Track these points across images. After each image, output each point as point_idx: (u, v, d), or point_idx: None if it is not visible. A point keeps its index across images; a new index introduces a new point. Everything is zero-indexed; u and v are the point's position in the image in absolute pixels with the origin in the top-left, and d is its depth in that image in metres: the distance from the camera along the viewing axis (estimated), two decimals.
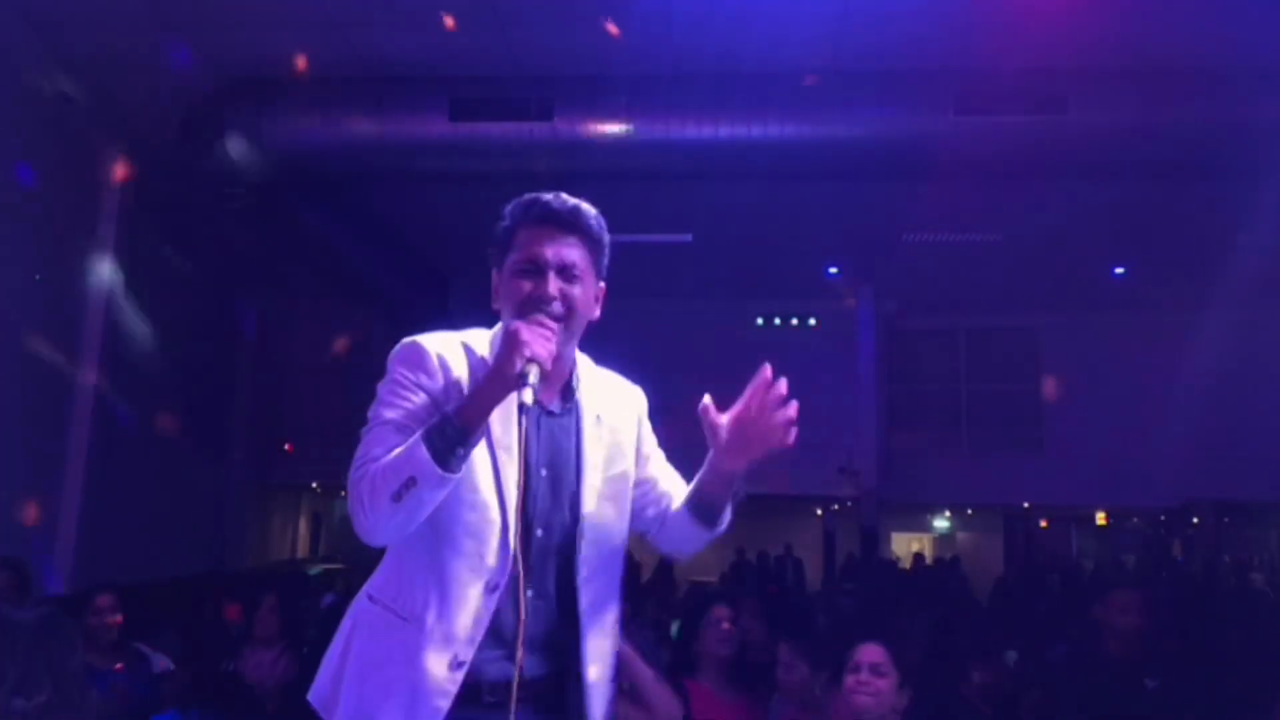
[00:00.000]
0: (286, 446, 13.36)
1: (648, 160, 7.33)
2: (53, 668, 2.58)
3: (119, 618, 4.27)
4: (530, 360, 1.57)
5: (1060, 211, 9.28)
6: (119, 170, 8.21)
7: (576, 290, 1.73)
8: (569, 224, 1.75)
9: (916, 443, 13.42)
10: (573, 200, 1.78)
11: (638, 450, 1.91)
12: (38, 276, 7.50)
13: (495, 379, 1.60)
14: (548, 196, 1.77)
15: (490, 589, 1.66)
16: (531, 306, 1.69)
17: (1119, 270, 11.44)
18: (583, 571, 1.76)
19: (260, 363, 12.43)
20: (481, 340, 1.80)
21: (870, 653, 2.79)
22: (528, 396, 1.56)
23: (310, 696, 1.77)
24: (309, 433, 13.03)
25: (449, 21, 6.10)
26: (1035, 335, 13.63)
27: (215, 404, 11.03)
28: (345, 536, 15.97)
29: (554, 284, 1.71)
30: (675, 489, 1.94)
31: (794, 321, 13.29)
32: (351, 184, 8.97)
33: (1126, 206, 9.11)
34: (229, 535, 11.65)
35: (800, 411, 1.71)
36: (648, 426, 1.96)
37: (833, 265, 11.94)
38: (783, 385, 1.70)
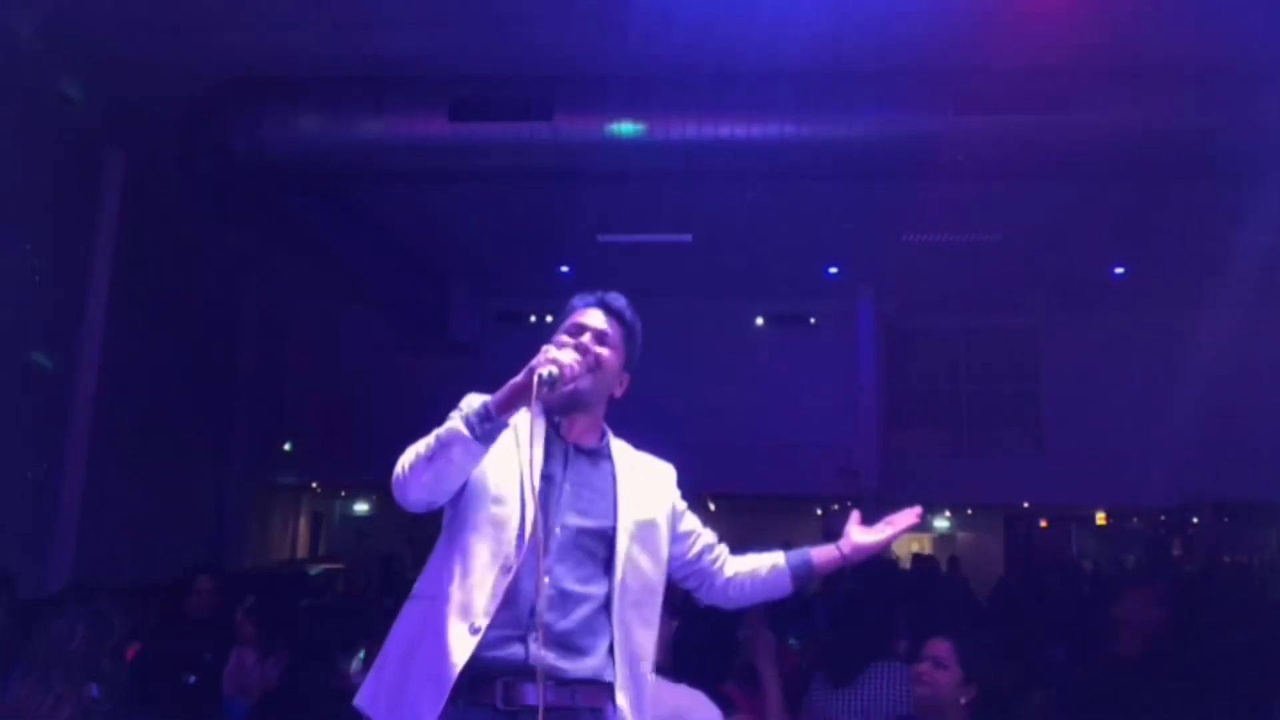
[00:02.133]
0: (286, 446, 13.36)
1: (648, 160, 7.33)
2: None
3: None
4: (552, 361, 1.85)
5: (1060, 211, 9.28)
6: (119, 170, 8.21)
7: (606, 353, 2.08)
8: (611, 310, 2.15)
9: (916, 443, 13.42)
10: (623, 301, 2.18)
11: (673, 510, 2.19)
12: (37, 277, 7.50)
13: (524, 374, 1.85)
14: (603, 292, 2.19)
15: (505, 569, 1.86)
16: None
17: (1119, 270, 11.44)
18: (617, 603, 1.95)
19: (261, 362, 12.43)
20: None
21: (937, 647, 2.94)
22: (543, 371, 1.82)
23: (357, 702, 1.92)
24: (309, 433, 13.03)
25: None
26: (1035, 335, 13.62)
27: (215, 404, 11.03)
28: (345, 536, 15.99)
29: (589, 339, 2.07)
30: (721, 546, 2.28)
31: (794, 321, 13.30)
32: (352, 184, 8.97)
33: (1126, 206, 9.10)
34: (229, 535, 11.65)
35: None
36: (678, 494, 2.24)
37: (833, 265, 11.94)
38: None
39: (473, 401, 1.93)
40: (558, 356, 1.87)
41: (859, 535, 2.28)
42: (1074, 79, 6.74)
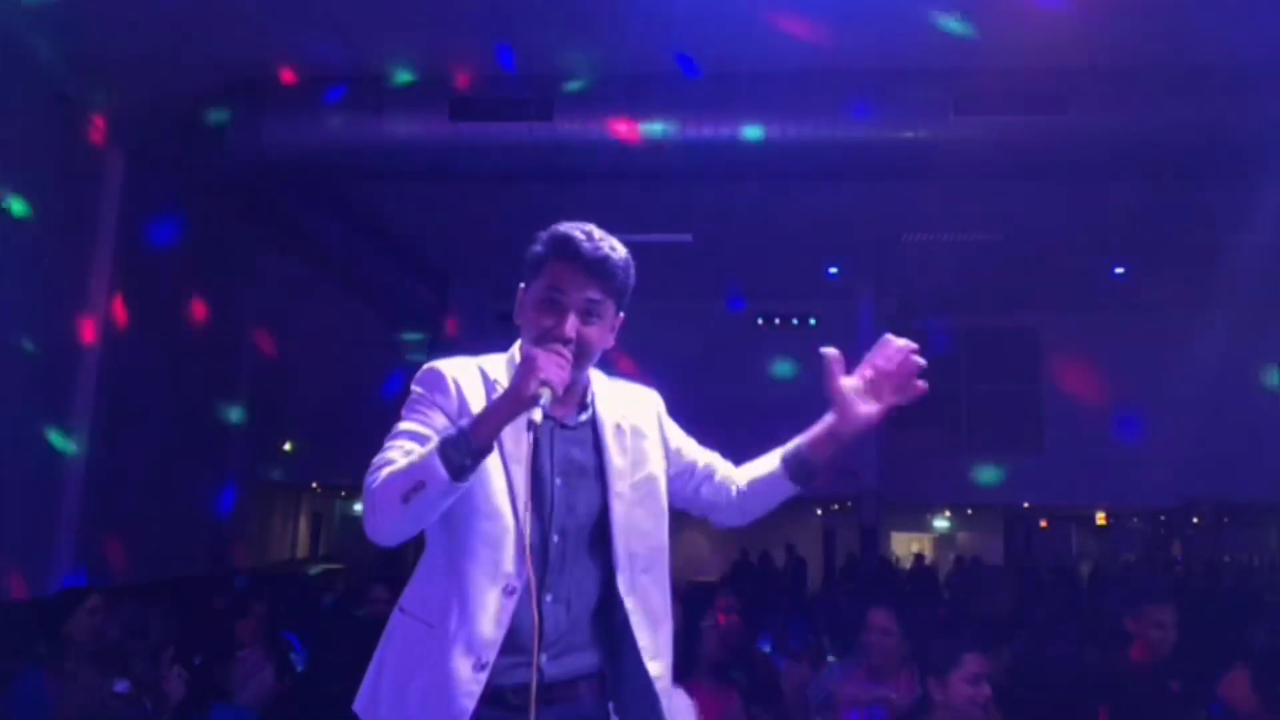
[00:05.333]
0: (286, 446, 13.36)
1: (648, 160, 7.32)
2: None
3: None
4: (544, 384, 1.65)
5: (1060, 211, 9.28)
6: (119, 170, 8.21)
7: (593, 330, 1.83)
8: (595, 272, 1.83)
9: (916, 443, 13.43)
10: (604, 247, 1.85)
11: (665, 446, 2.01)
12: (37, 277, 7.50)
13: (511, 399, 1.67)
14: (581, 237, 1.84)
15: (508, 592, 1.74)
16: (549, 340, 1.79)
17: (1119, 270, 11.45)
18: (624, 575, 1.83)
19: (260, 363, 12.42)
20: (496, 364, 1.91)
21: (977, 663, 2.83)
22: (537, 415, 1.67)
23: (355, 706, 1.84)
24: (309, 433, 13.03)
25: None
26: (1035, 335, 13.65)
27: (215, 404, 11.02)
28: (345, 536, 15.99)
29: (571, 325, 1.80)
30: (722, 464, 2.06)
31: (794, 321, 13.30)
32: (352, 183, 8.97)
33: (1126, 206, 9.10)
34: (229, 535, 11.64)
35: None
36: (670, 422, 2.05)
37: (833, 265, 11.95)
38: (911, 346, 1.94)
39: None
40: (550, 376, 1.66)
41: (850, 393, 1.93)
42: (1074, 79, 6.75)
